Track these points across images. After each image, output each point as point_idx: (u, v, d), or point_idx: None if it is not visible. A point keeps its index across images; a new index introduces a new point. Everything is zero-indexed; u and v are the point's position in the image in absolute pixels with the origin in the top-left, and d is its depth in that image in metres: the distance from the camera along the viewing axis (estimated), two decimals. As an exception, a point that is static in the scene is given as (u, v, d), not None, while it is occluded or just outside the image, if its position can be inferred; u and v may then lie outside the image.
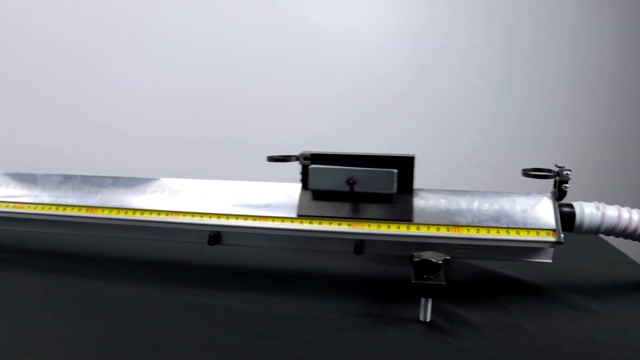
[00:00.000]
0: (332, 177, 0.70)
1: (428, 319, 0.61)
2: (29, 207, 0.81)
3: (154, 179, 0.80)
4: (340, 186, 0.70)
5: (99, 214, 0.77)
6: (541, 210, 0.69)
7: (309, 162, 0.72)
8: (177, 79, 1.69)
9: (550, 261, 0.68)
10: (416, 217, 0.69)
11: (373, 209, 0.70)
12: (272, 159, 0.74)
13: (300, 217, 0.71)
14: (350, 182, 0.69)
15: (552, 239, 0.66)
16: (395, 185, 0.69)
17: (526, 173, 0.72)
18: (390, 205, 0.70)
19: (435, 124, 1.78)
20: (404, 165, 0.70)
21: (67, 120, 1.66)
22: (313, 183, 0.71)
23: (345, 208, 0.71)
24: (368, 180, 0.69)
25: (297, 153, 0.74)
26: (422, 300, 0.61)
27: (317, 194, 0.72)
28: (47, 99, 1.65)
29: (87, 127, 1.67)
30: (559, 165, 0.70)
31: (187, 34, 1.68)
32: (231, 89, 1.70)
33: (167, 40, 1.67)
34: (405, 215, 0.69)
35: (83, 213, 0.78)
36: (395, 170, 0.69)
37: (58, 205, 0.80)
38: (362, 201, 0.71)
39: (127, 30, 1.66)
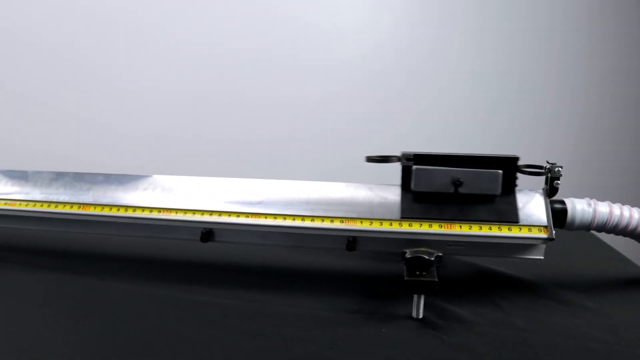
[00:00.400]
0: (436, 179, 0.69)
1: (421, 316, 0.61)
2: (20, 204, 0.80)
3: (146, 176, 0.80)
4: (444, 187, 0.68)
5: (91, 211, 0.77)
6: (533, 207, 0.69)
7: (411, 162, 0.70)
8: (176, 79, 1.68)
9: (542, 257, 0.68)
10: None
11: (477, 210, 0.68)
12: (371, 159, 0.73)
13: (404, 219, 0.69)
14: (456, 184, 0.68)
15: (543, 235, 0.66)
16: (500, 186, 0.68)
17: (519, 169, 0.72)
18: (494, 207, 0.69)
19: (429, 122, 1.79)
20: (508, 165, 0.69)
21: (66, 121, 1.65)
22: (417, 184, 0.70)
23: (449, 210, 0.69)
24: (473, 181, 0.68)
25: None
26: (415, 297, 0.61)
27: (419, 196, 0.70)
28: (46, 100, 1.64)
29: (86, 128, 1.66)
30: (550, 161, 0.70)
31: (187, 34, 1.68)
32: (231, 89, 1.70)
33: (166, 40, 1.67)
34: (511, 216, 0.68)
35: (75, 210, 0.77)
36: (501, 171, 0.68)
37: (50, 203, 0.79)
38: (466, 202, 0.69)
39: (126, 31, 1.65)
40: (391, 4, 1.77)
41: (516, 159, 0.70)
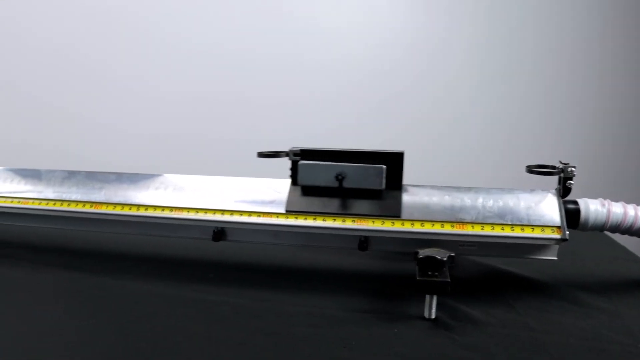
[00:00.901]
0: (321, 173, 0.71)
1: (433, 316, 0.61)
2: (33, 202, 0.81)
3: (157, 175, 0.80)
4: (330, 182, 0.70)
5: (103, 209, 0.77)
6: (546, 207, 0.68)
7: (298, 158, 0.72)
8: (179, 79, 1.70)
9: (555, 258, 0.67)
10: (420, 214, 0.69)
11: (361, 204, 0.70)
12: (262, 154, 0.75)
13: (289, 212, 0.71)
14: (339, 178, 0.69)
15: (557, 235, 0.66)
16: (383, 181, 0.69)
17: (530, 170, 0.71)
18: (379, 201, 0.70)
19: (438, 121, 1.78)
20: (393, 161, 0.71)
21: (72, 121, 1.68)
22: (302, 179, 0.72)
23: (333, 204, 0.71)
24: (357, 176, 0.70)
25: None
26: (427, 297, 0.61)
27: (306, 190, 0.72)
28: (53, 101, 1.67)
29: (92, 127, 1.69)
30: (563, 161, 0.70)
31: (189, 34, 1.69)
32: (232, 89, 1.71)
33: (170, 41, 1.69)
34: (394, 211, 0.69)
35: (87, 209, 0.78)
36: (384, 167, 0.69)
37: (62, 201, 0.80)
38: (351, 197, 0.71)
39: (131, 32, 1.67)
40: (392, 3, 1.77)
41: (400, 154, 0.71)
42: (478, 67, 1.79)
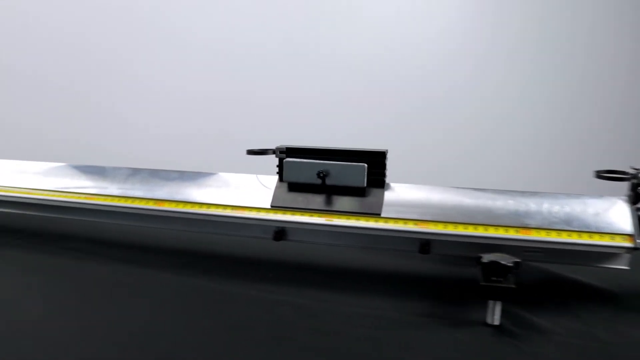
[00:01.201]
0: (305, 171, 0.73)
1: (496, 322, 0.59)
2: (98, 198, 0.83)
3: (216, 174, 0.81)
4: (313, 179, 0.72)
5: (166, 206, 0.79)
6: (615, 214, 0.66)
7: (284, 155, 0.75)
8: (201, 80, 1.76)
9: (627, 268, 0.65)
10: (484, 218, 0.68)
11: (343, 201, 0.72)
12: (251, 152, 0.78)
13: (274, 208, 0.74)
14: (321, 176, 0.71)
15: (628, 244, 0.63)
16: (365, 179, 0.71)
17: (599, 175, 0.69)
18: (361, 199, 0.72)
19: (482, 124, 1.75)
20: (375, 159, 0.72)
21: (106, 119, 1.78)
22: (287, 176, 0.74)
23: (316, 200, 0.73)
24: (339, 173, 0.72)
25: None
26: (490, 302, 0.60)
27: (291, 186, 0.75)
28: (85, 100, 1.77)
29: (120, 125, 1.79)
30: (635, 167, 0.67)
31: (213, 38, 1.74)
32: (252, 89, 1.75)
33: (196, 46, 1.75)
34: (375, 208, 0.71)
35: (151, 205, 0.80)
36: (365, 165, 0.71)
37: (127, 198, 0.82)
38: (334, 194, 0.73)
39: (159, 38, 1.75)
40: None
41: (383, 153, 0.72)
42: (529, 68, 1.75)
